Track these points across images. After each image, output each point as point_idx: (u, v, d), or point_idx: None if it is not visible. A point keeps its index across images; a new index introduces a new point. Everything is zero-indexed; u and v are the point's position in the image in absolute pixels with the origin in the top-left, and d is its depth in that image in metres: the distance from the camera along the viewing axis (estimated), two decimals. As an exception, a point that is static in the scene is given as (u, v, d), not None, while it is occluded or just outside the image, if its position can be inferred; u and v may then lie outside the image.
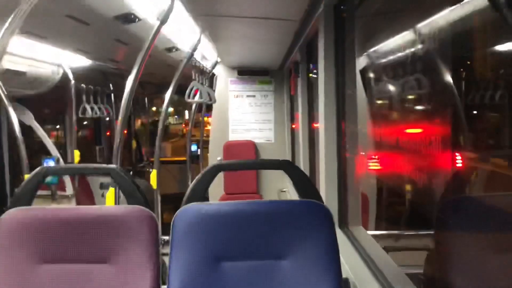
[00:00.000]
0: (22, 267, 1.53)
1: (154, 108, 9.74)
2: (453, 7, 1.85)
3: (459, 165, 1.92)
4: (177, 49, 3.79)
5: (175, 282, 1.47)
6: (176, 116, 12.14)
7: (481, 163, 1.83)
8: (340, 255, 1.53)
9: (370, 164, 2.94)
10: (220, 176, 5.32)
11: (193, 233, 1.50)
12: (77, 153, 4.51)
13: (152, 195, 3.39)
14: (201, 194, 1.62)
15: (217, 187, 5.24)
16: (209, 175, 1.64)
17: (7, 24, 1.63)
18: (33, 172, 1.69)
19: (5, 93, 3.53)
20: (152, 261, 1.54)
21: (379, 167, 3.06)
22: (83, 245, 1.56)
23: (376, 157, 2.94)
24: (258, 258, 1.51)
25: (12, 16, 1.62)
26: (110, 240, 1.55)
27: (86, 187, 5.20)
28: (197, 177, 1.65)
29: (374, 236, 2.34)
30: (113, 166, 1.74)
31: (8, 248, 1.54)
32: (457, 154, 1.92)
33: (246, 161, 2.40)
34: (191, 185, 1.64)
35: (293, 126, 5.24)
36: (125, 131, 4.89)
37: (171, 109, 9.62)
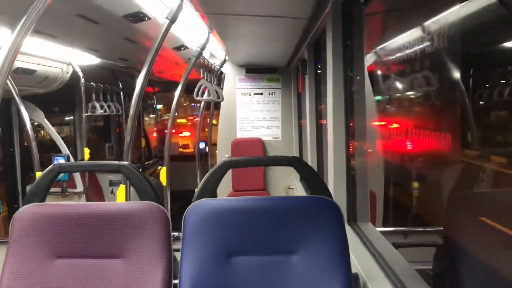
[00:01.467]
0: (36, 262, 1.57)
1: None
2: (463, 3, 1.85)
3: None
4: (186, 48, 3.81)
5: (186, 276, 1.49)
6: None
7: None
8: (350, 251, 1.55)
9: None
10: (228, 173, 5.33)
11: (204, 229, 1.53)
12: (87, 151, 4.55)
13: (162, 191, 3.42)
14: (211, 190, 1.64)
15: (225, 184, 5.27)
16: (219, 172, 1.66)
17: (20, 25, 1.66)
18: (47, 169, 1.72)
19: (17, 91, 3.58)
20: (163, 256, 1.57)
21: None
22: (96, 240, 1.59)
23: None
24: (268, 253, 1.53)
25: (25, 16, 1.64)
26: (122, 236, 1.58)
27: (95, 184, 5.26)
28: (207, 174, 1.67)
29: (382, 232, 2.35)
30: (125, 162, 1.77)
31: (23, 243, 1.58)
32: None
33: (256, 158, 2.42)
34: (202, 181, 1.67)
35: (301, 123, 5.25)
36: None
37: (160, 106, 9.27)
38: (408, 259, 1.86)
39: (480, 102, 2.05)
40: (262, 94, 5.49)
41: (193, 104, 10.58)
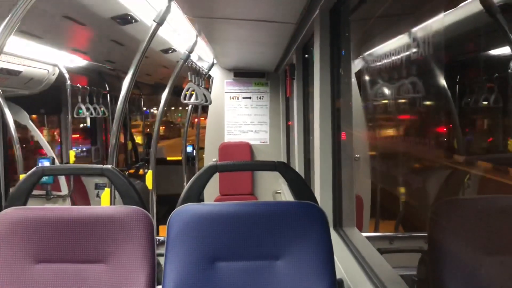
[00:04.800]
0: (17, 266, 1.54)
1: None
2: (448, 11, 1.87)
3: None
4: (173, 51, 3.80)
5: (170, 282, 1.47)
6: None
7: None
8: (335, 256, 1.54)
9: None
10: (215, 177, 5.32)
11: (188, 234, 1.51)
12: (72, 154, 4.50)
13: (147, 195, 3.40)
14: (197, 195, 1.63)
15: (212, 188, 5.25)
16: (205, 176, 1.65)
17: (4, 24, 1.63)
18: (30, 172, 1.69)
19: (0, 92, 3.53)
20: (147, 261, 1.55)
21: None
22: (79, 244, 1.56)
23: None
24: (253, 258, 1.52)
25: (9, 16, 1.62)
26: (105, 240, 1.56)
27: (81, 187, 5.20)
28: (193, 178, 1.65)
29: (368, 237, 2.36)
30: (109, 166, 1.74)
31: (4, 247, 1.55)
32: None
33: (242, 162, 2.42)
34: (187, 185, 1.65)
35: (289, 127, 5.26)
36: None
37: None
38: (395, 265, 1.87)
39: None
40: (250, 98, 5.50)
41: (146, 109, 9.28)
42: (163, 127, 10.01)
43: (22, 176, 3.84)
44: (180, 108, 14.58)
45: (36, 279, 1.54)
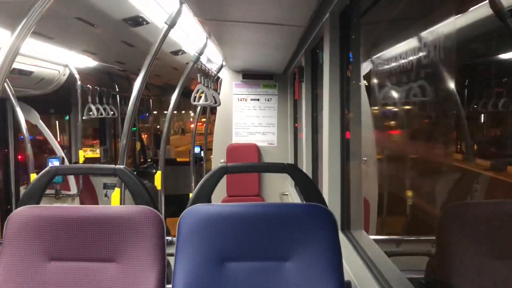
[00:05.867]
0: (30, 264, 1.56)
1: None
2: (458, 15, 1.88)
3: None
4: (183, 52, 3.83)
5: (180, 281, 1.49)
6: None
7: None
8: (342, 258, 1.55)
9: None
10: (223, 178, 5.28)
11: (199, 234, 1.53)
12: (81, 154, 4.54)
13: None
14: (207, 196, 1.65)
15: (219, 189, 5.26)
16: (215, 177, 1.66)
17: (20, 27, 1.66)
18: (43, 171, 1.72)
19: (13, 92, 3.57)
20: (158, 260, 1.57)
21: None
22: (91, 243, 1.59)
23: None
24: (262, 259, 1.53)
25: (25, 19, 1.65)
26: (117, 239, 1.58)
27: (89, 187, 5.24)
28: (203, 179, 1.67)
29: (375, 240, 2.37)
30: (121, 166, 1.77)
31: (17, 245, 1.57)
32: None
33: (252, 164, 2.43)
34: (197, 186, 1.67)
35: (296, 129, 5.27)
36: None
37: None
38: (401, 268, 1.87)
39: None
40: (258, 100, 5.51)
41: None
42: (145, 135, 8.31)
43: (33, 175, 3.88)
44: (176, 112, 13.97)
45: (49, 277, 1.56)
